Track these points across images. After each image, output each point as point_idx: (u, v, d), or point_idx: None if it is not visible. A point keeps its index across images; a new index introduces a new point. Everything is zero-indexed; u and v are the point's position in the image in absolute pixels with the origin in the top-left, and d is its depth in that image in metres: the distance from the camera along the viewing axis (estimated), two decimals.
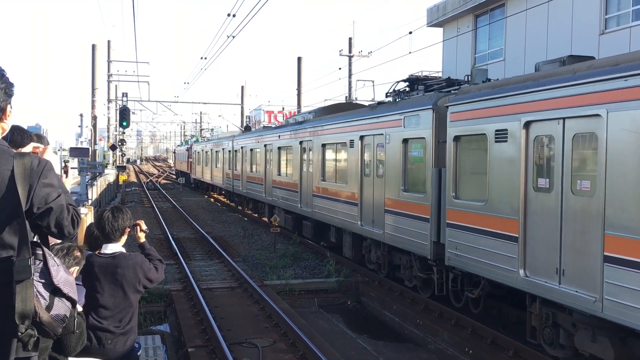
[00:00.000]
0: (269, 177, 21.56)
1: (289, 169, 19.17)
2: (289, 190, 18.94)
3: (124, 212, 4.45)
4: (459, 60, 23.13)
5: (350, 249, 14.49)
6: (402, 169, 11.53)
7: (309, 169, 16.98)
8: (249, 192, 25.29)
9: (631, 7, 15.77)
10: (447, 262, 9.85)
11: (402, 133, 11.50)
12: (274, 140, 20.89)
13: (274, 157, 20.75)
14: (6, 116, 2.72)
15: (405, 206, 11.37)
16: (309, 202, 16.85)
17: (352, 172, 13.82)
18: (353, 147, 13.74)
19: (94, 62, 33.52)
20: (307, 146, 17.12)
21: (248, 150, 25.30)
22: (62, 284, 2.62)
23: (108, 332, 4.23)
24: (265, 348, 8.84)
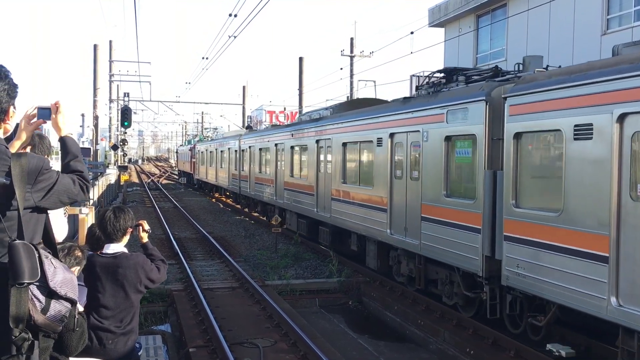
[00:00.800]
0: (280, 178, 20.19)
1: (304, 170, 17.75)
2: (303, 193, 17.53)
3: (126, 212, 4.45)
4: (460, 60, 23.11)
5: (374, 259, 13.03)
6: (444, 170, 10.01)
7: (326, 170, 15.68)
8: (257, 194, 23.80)
9: (633, 8, 15.75)
10: (505, 281, 8.36)
11: (444, 129, 9.99)
12: (286, 139, 19.41)
13: (286, 157, 19.31)
14: (9, 117, 2.72)
15: (448, 214, 9.84)
16: (326, 207, 15.50)
17: (379, 174, 12.37)
18: (381, 146, 12.30)
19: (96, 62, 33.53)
20: (325, 145, 15.78)
21: (256, 150, 23.86)
22: (59, 286, 2.61)
23: (109, 332, 4.23)
24: (267, 348, 8.84)
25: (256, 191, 23.91)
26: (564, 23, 17.63)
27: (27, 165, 2.60)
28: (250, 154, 25.07)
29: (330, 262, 14.54)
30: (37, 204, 2.65)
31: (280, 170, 20.14)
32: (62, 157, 3.01)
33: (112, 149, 39.05)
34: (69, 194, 2.79)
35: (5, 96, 2.65)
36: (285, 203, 19.41)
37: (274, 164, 20.84)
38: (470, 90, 9.64)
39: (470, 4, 21.50)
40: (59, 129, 3.05)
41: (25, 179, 2.58)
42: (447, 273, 10.34)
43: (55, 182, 2.71)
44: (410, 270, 11.63)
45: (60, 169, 2.96)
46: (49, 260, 2.65)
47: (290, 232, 19.11)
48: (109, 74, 38.03)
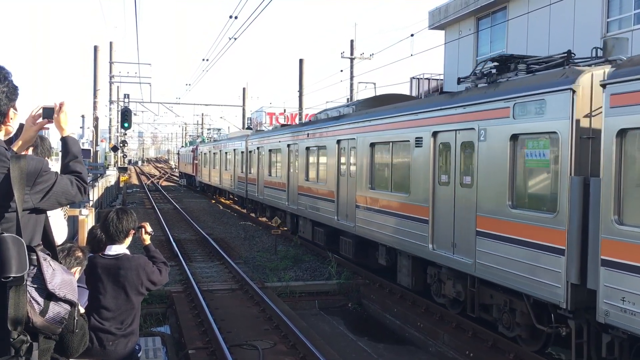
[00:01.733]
0: (293, 182, 18.47)
1: (322, 173, 16.11)
2: (321, 199, 15.89)
3: (128, 214, 4.45)
4: (460, 63, 23.13)
5: (408, 275, 11.56)
6: (509, 176, 8.26)
7: (349, 173, 14.10)
8: (266, 199, 22.12)
9: (633, 11, 15.78)
10: (603, 318, 6.67)
11: (509, 126, 8.26)
12: (301, 139, 17.69)
13: (301, 159, 17.65)
14: (9, 119, 2.73)
15: (515, 229, 8.08)
16: (349, 215, 13.87)
17: (418, 179, 10.80)
18: (420, 147, 10.66)
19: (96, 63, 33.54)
20: (348, 146, 14.18)
21: (266, 151, 22.20)
22: (58, 288, 2.61)
23: (109, 334, 4.23)
24: (266, 350, 8.84)
25: (265, 195, 22.37)
26: (563, 26, 17.65)
27: (26, 167, 2.60)
28: (259, 156, 23.48)
29: (330, 264, 14.54)
30: (35, 206, 2.66)
31: (294, 174, 18.53)
32: (62, 157, 3.02)
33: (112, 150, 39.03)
34: (67, 196, 2.79)
35: (5, 99, 2.65)
36: (299, 209, 17.86)
37: (286, 167, 19.27)
38: (546, 78, 7.98)
39: (470, 6, 21.52)
40: (61, 129, 3.06)
41: (24, 181, 2.58)
42: (507, 299, 8.62)
43: (54, 184, 2.71)
44: (457, 293, 9.92)
45: (59, 169, 2.97)
46: (48, 262, 2.65)
47: (302, 238, 18.14)
48: (109, 75, 38.04)
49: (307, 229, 17.48)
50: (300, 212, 17.75)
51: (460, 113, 9.53)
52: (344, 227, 14.28)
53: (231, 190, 30.66)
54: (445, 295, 10.45)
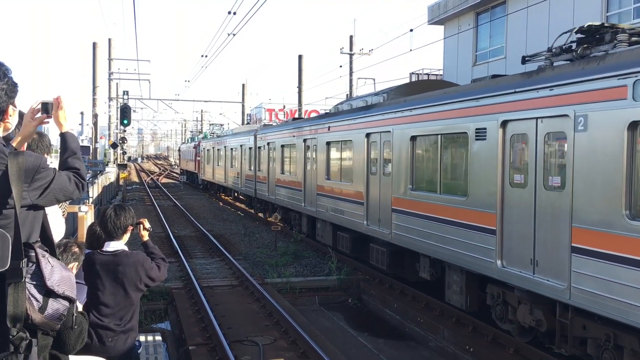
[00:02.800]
0: (311, 181, 16.72)
1: (347, 171, 14.29)
2: (345, 201, 14.12)
3: (126, 210, 4.45)
4: (459, 58, 23.11)
5: (461, 294, 9.69)
6: (626, 177, 6.42)
7: (382, 171, 12.25)
8: (279, 199, 20.16)
9: (632, 5, 15.75)
10: None
11: (626, 111, 6.37)
12: (321, 133, 15.84)
13: (321, 155, 15.84)
14: (7, 116, 2.72)
15: (637, 246, 6.30)
16: (383, 220, 12.03)
17: (478, 180, 8.87)
18: (483, 140, 8.69)
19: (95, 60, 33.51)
20: (381, 140, 12.34)
21: (278, 147, 20.25)
22: (57, 285, 2.61)
23: (109, 330, 4.23)
24: (266, 346, 8.85)
25: (277, 195, 20.35)
26: (563, 20, 17.62)
27: (24, 163, 2.59)
28: (269, 152, 21.50)
29: (330, 259, 14.54)
30: (33, 202, 2.65)
31: (312, 172, 16.65)
32: (60, 153, 3.01)
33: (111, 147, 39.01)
34: (65, 192, 2.79)
35: (4, 96, 2.65)
36: (318, 212, 16.05)
37: (302, 164, 17.39)
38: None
39: (469, 1, 21.49)
40: (60, 125, 3.06)
41: (22, 178, 2.58)
42: (610, 333, 6.80)
43: (52, 181, 2.71)
44: (537, 322, 7.95)
45: (58, 165, 2.96)
46: (46, 259, 2.65)
47: (320, 243, 16.47)
48: (109, 72, 37.99)
49: (327, 234, 15.68)
50: (320, 215, 15.90)
51: (545, 96, 7.53)
52: (376, 234, 12.36)
53: (238, 189, 28.64)
54: (515, 321, 8.51)
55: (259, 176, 23.28)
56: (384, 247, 12.29)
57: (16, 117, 2.81)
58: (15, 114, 2.78)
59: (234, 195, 32.94)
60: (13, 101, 2.73)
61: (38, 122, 3.03)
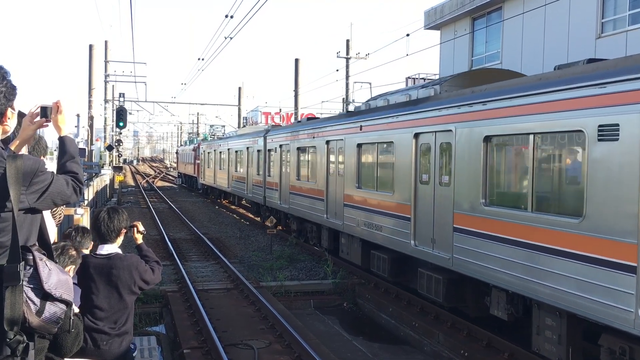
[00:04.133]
0: (335, 189, 14.62)
1: (385, 179, 12.11)
2: (384, 215, 11.83)
3: (120, 213, 4.44)
4: (455, 63, 23.18)
5: (560, 344, 7.46)
6: None
7: (439, 180, 9.99)
8: (293, 209, 17.99)
9: (627, 11, 15.84)
10: None
11: None
12: (350, 134, 13.71)
13: (350, 159, 13.70)
14: (6, 119, 2.72)
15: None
16: (441, 241, 9.81)
17: (606, 195, 6.60)
18: (613, 140, 6.52)
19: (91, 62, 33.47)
20: (436, 141, 10.10)
21: (293, 150, 18.14)
22: (54, 288, 2.62)
23: (103, 334, 4.22)
24: (261, 349, 8.84)
25: (291, 204, 18.16)
26: (559, 26, 17.71)
27: (22, 167, 2.60)
28: (282, 155, 19.40)
29: (325, 263, 14.53)
30: (31, 206, 2.66)
31: (337, 178, 14.65)
32: (59, 156, 3.02)
33: (107, 149, 38.95)
34: (63, 196, 2.80)
35: (2, 98, 2.65)
36: (345, 225, 13.85)
37: (325, 169, 15.37)
38: None
39: (465, 6, 21.56)
40: (58, 129, 3.06)
41: (20, 181, 2.58)
42: None
43: (50, 184, 2.71)
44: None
45: (55, 169, 2.97)
46: (44, 262, 2.65)
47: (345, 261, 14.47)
48: (105, 74, 37.94)
49: (354, 251, 13.68)
50: (347, 229, 13.78)
51: None
52: (429, 258, 10.25)
53: (243, 195, 26.21)
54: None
55: (269, 182, 21.06)
56: (439, 273, 10.00)
57: (15, 119, 2.81)
58: (14, 116, 2.78)
59: (237, 201, 31.23)
60: (12, 104, 2.73)
61: (37, 126, 3.04)
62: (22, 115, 3.05)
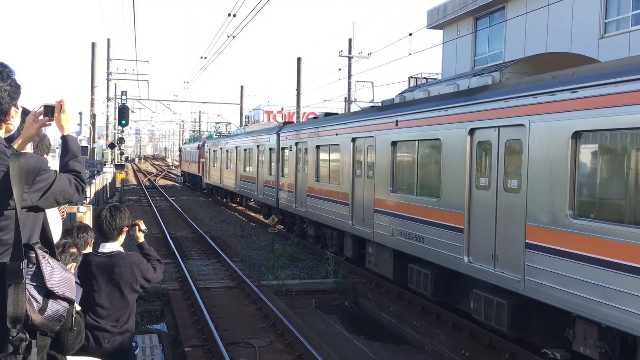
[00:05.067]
0: (364, 193, 13.02)
1: (430, 183, 10.51)
2: (428, 225, 10.19)
3: (122, 211, 4.45)
4: (458, 62, 23.16)
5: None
6: None
7: (504, 185, 8.29)
8: (311, 212, 16.51)
9: (631, 12, 15.82)
10: None
11: None
12: (382, 130, 12.12)
13: (383, 159, 12.08)
14: (10, 117, 2.73)
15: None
16: (507, 259, 8.17)
17: None
18: None
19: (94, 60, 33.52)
20: (499, 138, 8.43)
21: (311, 148, 16.61)
22: (57, 286, 2.63)
23: (105, 332, 4.23)
24: (262, 348, 8.85)
25: (308, 207, 16.66)
26: (561, 26, 17.69)
27: (25, 165, 2.61)
28: (298, 154, 17.98)
29: (327, 262, 14.54)
30: (34, 204, 2.67)
31: (364, 181, 13.06)
32: (61, 155, 3.03)
33: (109, 147, 38.99)
34: (65, 195, 2.81)
35: (7, 97, 2.66)
36: (376, 234, 12.23)
37: (350, 170, 13.76)
38: None
39: (468, 6, 21.54)
40: (62, 128, 3.08)
41: (23, 179, 2.59)
42: None
43: (53, 183, 2.72)
44: None
45: (58, 167, 2.98)
46: (46, 260, 2.66)
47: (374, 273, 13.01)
48: (107, 72, 38.00)
49: (385, 263, 12.21)
50: (377, 238, 12.22)
51: None
52: (489, 278, 8.52)
53: (252, 196, 24.82)
54: None
55: (282, 183, 19.60)
56: (502, 297, 8.34)
57: (18, 118, 2.82)
58: (18, 115, 2.79)
59: (245, 202, 29.99)
60: (16, 103, 2.74)
61: (40, 124, 3.05)
62: (26, 113, 3.06)
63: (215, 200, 34.54)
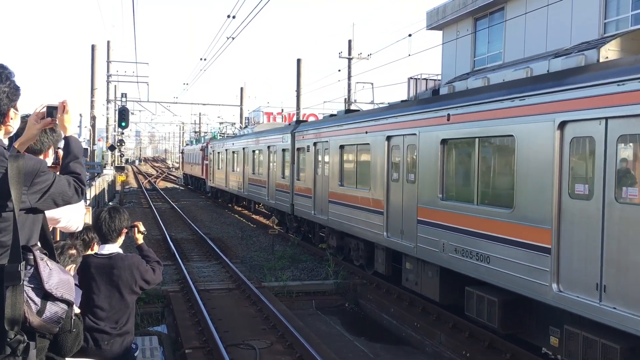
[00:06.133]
0: (402, 201, 11.23)
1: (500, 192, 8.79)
2: (498, 242, 8.36)
3: (121, 213, 4.44)
4: (458, 63, 23.15)
5: None
6: None
7: (614, 194, 6.52)
8: (333, 221, 14.79)
9: (630, 12, 15.81)
10: None
11: None
12: (427, 126, 10.27)
13: (429, 160, 10.22)
14: (8, 119, 2.72)
15: None
16: (629, 289, 6.29)
17: None
18: None
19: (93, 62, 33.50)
20: (607, 134, 6.60)
21: (334, 148, 14.86)
22: (55, 288, 2.62)
23: (104, 333, 4.22)
24: (263, 350, 8.84)
25: (330, 215, 14.93)
26: (561, 27, 17.68)
27: (24, 166, 2.60)
28: (317, 156, 16.34)
29: (327, 264, 14.52)
30: (32, 206, 2.66)
31: (403, 187, 11.23)
32: (63, 156, 3.03)
33: (109, 149, 38.99)
34: (64, 197, 2.80)
35: (5, 99, 2.65)
36: (419, 248, 10.48)
37: (384, 174, 11.90)
38: None
39: (468, 7, 21.54)
40: (64, 128, 3.08)
41: (22, 180, 2.58)
42: None
43: (52, 185, 2.71)
44: None
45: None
46: (45, 262, 2.65)
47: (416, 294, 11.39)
48: (107, 75, 37.99)
49: (428, 282, 10.59)
50: (424, 254, 10.41)
51: None
52: (596, 314, 6.64)
53: (263, 201, 23.12)
54: None
55: (298, 187, 17.83)
56: (612, 341, 6.51)
57: (18, 120, 2.80)
58: (17, 117, 2.78)
59: (253, 207, 28.14)
60: (15, 104, 2.73)
61: (42, 125, 3.05)
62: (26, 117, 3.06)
63: (215, 202, 34.42)
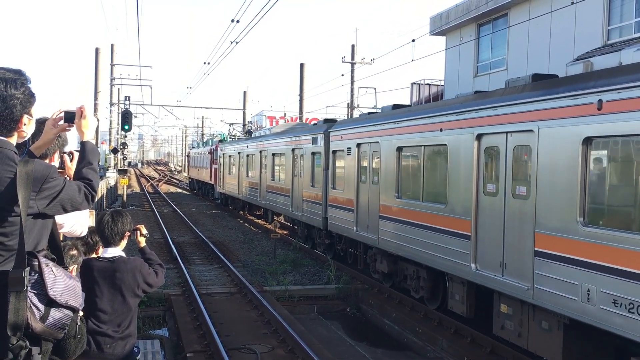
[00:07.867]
0: (504, 223, 8.26)
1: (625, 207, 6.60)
2: None
3: (124, 216, 4.44)
4: (461, 68, 23.17)
5: None
6: None
7: None
8: (387, 242, 11.91)
9: (634, 19, 15.81)
10: None
11: None
12: (550, 120, 7.34)
13: (559, 168, 7.23)
14: (22, 125, 2.72)
15: None
16: None
17: None
18: None
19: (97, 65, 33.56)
20: None
21: (389, 151, 11.96)
22: (59, 295, 2.61)
23: (107, 337, 4.22)
24: (264, 354, 8.83)
25: (382, 235, 12.11)
26: (564, 33, 17.69)
27: (33, 171, 2.59)
28: (361, 160, 13.58)
29: (329, 268, 14.51)
30: (41, 211, 2.65)
31: (504, 203, 8.31)
32: (78, 161, 3.03)
33: (112, 152, 39.04)
34: (73, 203, 2.78)
35: (18, 105, 2.65)
36: (537, 291, 7.49)
37: (473, 185, 9.02)
38: None
39: (471, 13, 21.57)
40: (82, 133, 3.09)
41: (30, 186, 2.57)
42: None
43: (61, 191, 2.70)
44: None
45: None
46: (50, 268, 2.64)
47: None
48: (110, 78, 38.08)
49: (543, 337, 7.69)
50: (542, 298, 7.43)
51: None
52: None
53: (286, 212, 19.95)
54: None
55: (334, 197, 15.11)
56: None
57: (32, 126, 2.80)
58: (31, 123, 2.78)
59: (271, 217, 23.27)
60: (29, 111, 2.72)
61: (59, 130, 3.07)
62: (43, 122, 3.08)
63: (218, 206, 34.17)
